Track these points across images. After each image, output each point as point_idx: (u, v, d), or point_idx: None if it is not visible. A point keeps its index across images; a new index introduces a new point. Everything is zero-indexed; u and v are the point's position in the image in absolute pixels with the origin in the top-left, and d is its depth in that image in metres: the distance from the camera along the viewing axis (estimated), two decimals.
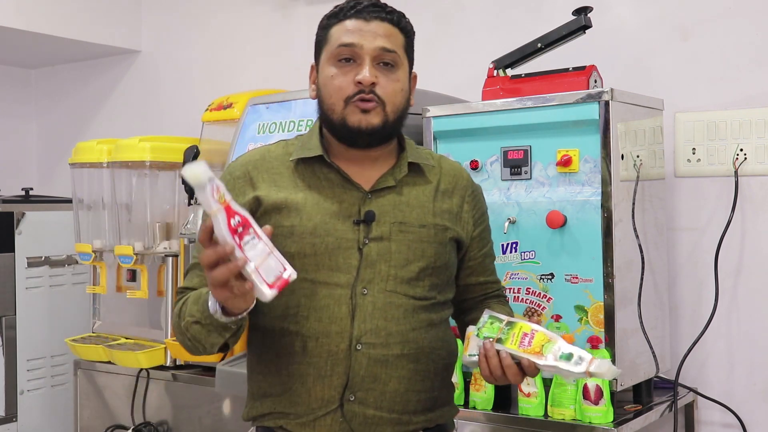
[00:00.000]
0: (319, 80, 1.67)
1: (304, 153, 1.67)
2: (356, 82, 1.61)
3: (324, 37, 1.68)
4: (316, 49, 1.71)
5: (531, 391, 2.05)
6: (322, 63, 1.67)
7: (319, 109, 1.68)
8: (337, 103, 1.63)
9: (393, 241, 1.64)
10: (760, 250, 2.36)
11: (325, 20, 1.70)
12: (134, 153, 2.84)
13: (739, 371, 2.38)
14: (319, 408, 1.60)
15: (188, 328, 1.55)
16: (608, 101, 2.01)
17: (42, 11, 3.34)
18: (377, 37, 1.64)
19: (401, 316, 1.62)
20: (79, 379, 3.01)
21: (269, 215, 1.62)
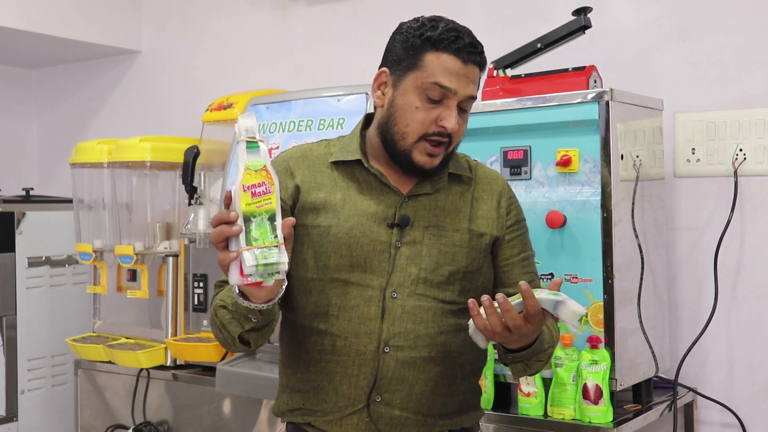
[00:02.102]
0: (396, 100, 1.62)
1: (343, 156, 1.68)
2: (440, 125, 1.60)
3: (415, 59, 1.62)
4: (398, 62, 1.64)
5: (531, 391, 2.06)
6: (405, 85, 1.62)
7: (383, 124, 1.64)
8: (411, 134, 1.61)
9: (425, 244, 1.65)
10: (760, 250, 2.36)
11: (418, 40, 1.63)
12: (134, 153, 2.84)
13: (739, 371, 2.38)
14: (346, 407, 1.62)
15: (216, 312, 1.58)
16: (608, 101, 2.02)
17: (42, 11, 3.35)
18: (469, 84, 1.63)
19: (430, 319, 1.63)
20: (80, 378, 3.01)
21: (307, 213, 1.64)
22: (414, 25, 1.65)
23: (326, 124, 2.31)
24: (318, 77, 3.11)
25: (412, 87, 1.61)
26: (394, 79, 1.64)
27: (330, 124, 2.31)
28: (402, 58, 1.63)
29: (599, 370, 1.98)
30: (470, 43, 1.63)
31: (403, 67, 1.62)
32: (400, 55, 1.63)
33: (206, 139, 2.84)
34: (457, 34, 1.63)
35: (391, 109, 1.63)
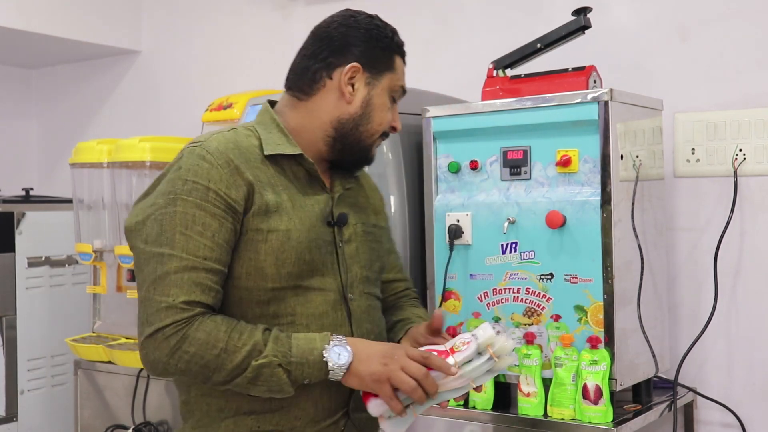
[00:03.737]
0: (374, 99, 1.65)
1: (282, 149, 1.59)
2: (392, 126, 1.69)
3: (389, 62, 1.67)
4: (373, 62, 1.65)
5: (530, 391, 2.05)
6: (383, 86, 1.66)
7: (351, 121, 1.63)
8: (377, 132, 1.66)
9: (358, 242, 1.67)
10: (760, 250, 2.36)
11: (391, 42, 1.68)
12: (134, 153, 2.84)
13: (739, 371, 2.39)
14: (324, 419, 1.58)
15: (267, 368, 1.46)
16: (607, 101, 2.02)
17: (42, 11, 3.35)
18: None
19: (378, 317, 1.68)
20: (80, 379, 3.01)
21: (261, 217, 1.53)
22: (378, 24, 1.70)
23: None
24: None
25: (387, 88, 1.66)
26: (369, 77, 1.64)
27: None
28: (376, 58, 1.65)
29: (599, 370, 1.97)
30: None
31: (379, 68, 1.65)
32: (372, 54, 1.65)
33: None
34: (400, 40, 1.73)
35: (367, 107, 1.64)
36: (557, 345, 2.05)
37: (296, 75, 1.68)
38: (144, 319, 1.47)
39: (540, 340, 2.09)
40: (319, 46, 1.66)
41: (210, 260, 1.47)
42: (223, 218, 1.49)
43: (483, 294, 2.17)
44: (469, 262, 2.19)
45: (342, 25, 1.66)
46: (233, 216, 1.50)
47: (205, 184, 1.48)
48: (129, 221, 1.55)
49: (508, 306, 2.14)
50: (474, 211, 2.18)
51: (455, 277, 2.21)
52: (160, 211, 1.49)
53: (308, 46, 1.69)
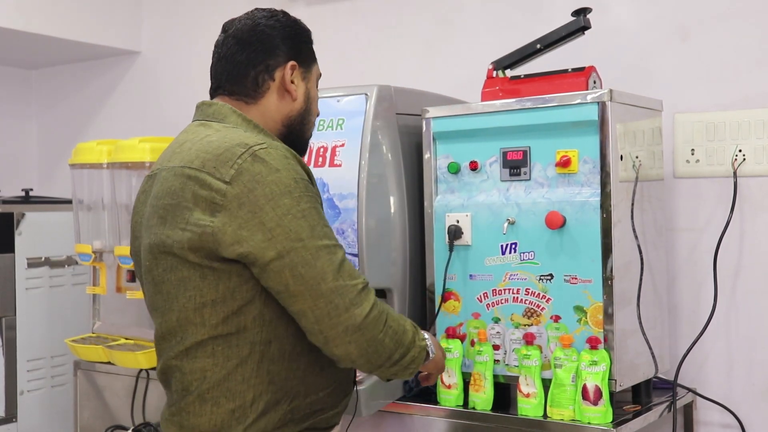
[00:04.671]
0: (311, 92, 1.78)
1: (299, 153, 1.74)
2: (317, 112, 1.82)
3: (312, 52, 1.79)
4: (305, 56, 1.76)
5: (530, 392, 2.05)
6: (313, 77, 1.78)
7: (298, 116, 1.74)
8: (313, 122, 1.79)
9: None
10: (759, 251, 2.36)
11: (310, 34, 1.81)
12: (134, 154, 2.84)
13: (738, 371, 2.38)
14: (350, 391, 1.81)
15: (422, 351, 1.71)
16: (607, 102, 2.02)
17: (42, 12, 3.34)
18: None
19: None
20: (79, 379, 3.01)
21: None
22: (295, 19, 1.79)
23: (326, 125, 2.30)
24: None
25: (315, 79, 1.79)
26: (303, 72, 1.75)
27: (330, 125, 2.30)
28: (305, 53, 1.76)
29: (599, 370, 1.97)
30: None
31: (309, 62, 1.77)
32: (302, 48, 1.75)
33: None
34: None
35: (308, 101, 1.76)
36: (557, 346, 2.05)
37: (234, 80, 1.72)
38: (346, 306, 1.54)
39: (540, 340, 2.09)
40: (251, 50, 1.70)
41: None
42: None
43: (483, 294, 2.17)
44: (468, 263, 2.19)
45: (266, 26, 1.72)
46: None
47: (305, 178, 1.60)
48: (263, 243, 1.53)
49: (507, 307, 2.14)
50: (474, 212, 2.18)
51: (455, 278, 2.21)
52: (295, 209, 1.53)
53: (236, 51, 1.72)
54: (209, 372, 1.58)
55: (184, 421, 1.64)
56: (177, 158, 1.64)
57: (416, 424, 2.22)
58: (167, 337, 1.65)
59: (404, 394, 2.25)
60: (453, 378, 2.16)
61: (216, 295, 1.55)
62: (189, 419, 1.63)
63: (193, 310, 1.58)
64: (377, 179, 2.22)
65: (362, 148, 2.21)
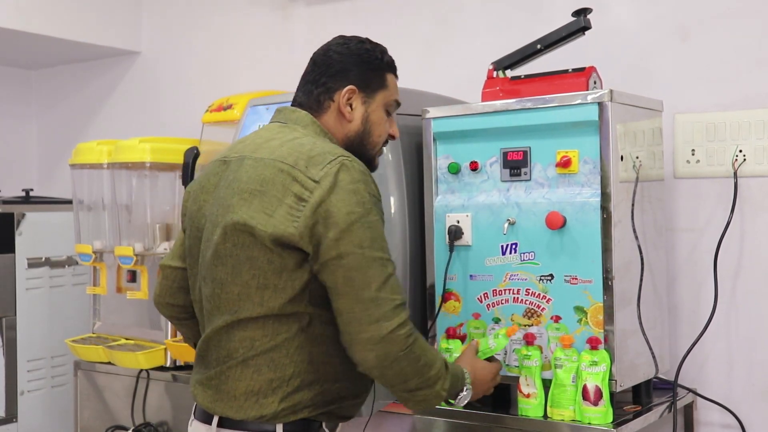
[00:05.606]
0: (371, 116, 1.88)
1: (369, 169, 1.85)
2: (391, 134, 1.94)
3: (382, 81, 1.89)
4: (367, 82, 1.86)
5: (530, 392, 2.05)
6: (377, 102, 1.88)
7: (356, 136, 1.87)
8: (379, 143, 1.91)
9: None
10: (759, 251, 2.36)
11: (383, 63, 1.90)
12: (134, 154, 2.84)
13: (739, 372, 2.39)
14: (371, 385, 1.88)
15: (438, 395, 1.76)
16: (607, 102, 2.02)
17: (42, 12, 3.35)
18: None
19: None
20: (80, 379, 3.01)
21: None
22: (369, 48, 1.89)
23: None
24: None
25: (381, 104, 1.89)
26: (364, 97, 1.87)
27: None
28: (369, 79, 1.87)
29: (599, 371, 1.97)
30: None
31: (373, 88, 1.88)
32: (366, 76, 1.87)
33: (206, 140, 2.84)
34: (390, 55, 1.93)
35: (366, 123, 1.88)
36: (557, 346, 2.05)
37: (304, 95, 1.90)
38: (377, 317, 1.65)
39: (540, 341, 2.09)
40: (318, 72, 1.88)
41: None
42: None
43: (483, 295, 2.17)
44: (469, 263, 2.19)
45: (336, 52, 1.88)
46: None
47: (377, 195, 1.75)
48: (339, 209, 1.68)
49: (508, 307, 2.14)
50: (474, 212, 2.19)
51: (455, 278, 2.21)
52: (365, 219, 1.68)
53: (309, 72, 1.91)
54: (258, 342, 1.71)
55: (222, 385, 1.74)
56: (264, 151, 1.76)
57: (416, 424, 2.22)
58: (223, 307, 1.75)
59: None
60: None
61: (278, 281, 1.68)
62: (228, 383, 1.74)
63: (256, 288, 1.70)
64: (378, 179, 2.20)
65: None
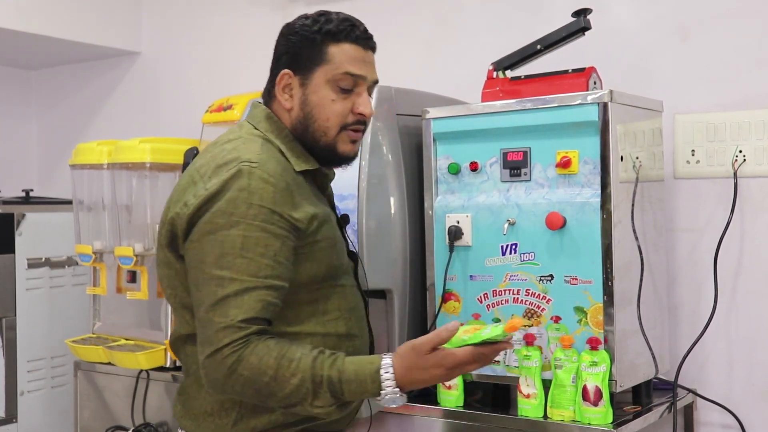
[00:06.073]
0: (310, 98, 1.66)
1: (309, 165, 1.68)
2: (357, 113, 1.66)
3: (319, 54, 1.65)
4: (301, 62, 1.66)
5: (530, 392, 2.06)
6: (316, 81, 1.65)
7: (301, 123, 1.66)
8: (332, 128, 1.65)
9: (345, 237, 1.82)
10: (759, 252, 2.36)
11: (317, 35, 1.65)
12: (134, 154, 2.84)
13: (739, 372, 2.39)
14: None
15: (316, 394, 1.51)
16: (607, 103, 2.02)
17: (42, 12, 3.34)
18: (373, 69, 1.71)
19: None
20: (80, 380, 3.01)
21: (319, 230, 1.63)
22: (307, 22, 1.68)
23: None
24: None
25: (323, 82, 1.65)
26: (300, 79, 1.66)
27: None
28: (304, 57, 1.66)
29: (599, 371, 1.98)
30: (364, 29, 1.69)
31: (308, 66, 1.65)
32: (300, 54, 1.66)
33: (206, 141, 2.84)
34: (352, 23, 1.68)
35: (306, 108, 1.66)
36: (557, 346, 2.05)
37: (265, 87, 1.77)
38: (204, 339, 1.52)
39: (540, 341, 2.09)
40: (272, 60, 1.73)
41: (271, 278, 1.53)
42: (286, 237, 1.56)
43: (483, 295, 2.17)
44: (469, 264, 2.19)
45: (280, 35, 1.72)
46: (296, 235, 1.58)
47: (271, 207, 1.54)
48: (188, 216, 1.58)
49: (508, 307, 2.14)
50: (474, 213, 2.19)
51: (455, 279, 2.21)
52: (221, 233, 1.53)
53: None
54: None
55: (186, 401, 1.71)
56: (198, 159, 1.68)
57: (416, 424, 2.22)
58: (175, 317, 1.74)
59: None
60: (453, 379, 2.16)
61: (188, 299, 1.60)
62: (189, 400, 1.69)
63: (179, 308, 1.66)
64: (377, 180, 2.23)
65: (362, 149, 2.21)
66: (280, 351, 1.50)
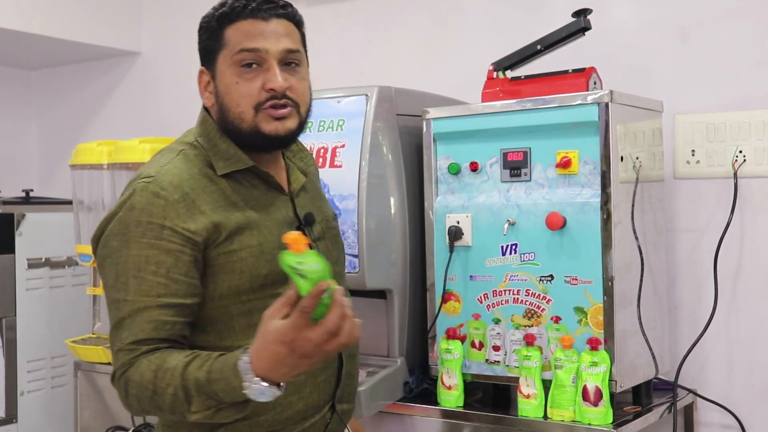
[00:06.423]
0: (219, 88, 1.58)
1: (233, 165, 1.59)
2: (267, 89, 1.54)
3: (218, 41, 1.58)
4: (208, 54, 1.61)
5: (530, 393, 2.06)
6: (220, 69, 1.58)
7: (221, 117, 1.59)
8: (246, 111, 1.55)
9: (327, 239, 1.68)
10: (759, 252, 2.36)
11: (214, 22, 1.60)
12: (134, 154, 2.84)
13: (739, 372, 2.38)
14: (313, 415, 1.62)
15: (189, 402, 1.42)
16: (608, 103, 2.02)
17: (42, 12, 3.34)
18: (280, 37, 1.57)
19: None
20: (80, 380, 3.01)
21: (232, 239, 1.54)
22: (208, 13, 1.62)
23: (326, 126, 2.31)
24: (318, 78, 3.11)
25: (225, 67, 1.57)
26: (211, 72, 1.60)
27: (330, 126, 2.30)
28: (208, 49, 1.60)
29: (599, 371, 1.98)
30: (263, 0, 1.59)
31: (212, 56, 1.59)
32: (205, 47, 1.61)
33: None
34: (246, 0, 1.58)
35: (219, 100, 1.58)
36: (557, 346, 2.05)
37: None
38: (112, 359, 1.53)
39: (540, 341, 2.09)
40: None
41: (165, 296, 1.48)
42: (180, 252, 1.49)
43: (483, 295, 2.17)
44: (469, 264, 2.19)
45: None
46: (192, 247, 1.50)
47: (160, 222, 1.49)
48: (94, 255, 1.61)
49: (508, 307, 2.14)
50: (474, 213, 2.19)
51: (455, 279, 2.21)
52: (115, 255, 1.52)
53: None
54: None
55: None
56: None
57: (416, 424, 2.23)
58: None
59: (405, 395, 2.25)
60: (453, 379, 2.16)
61: None
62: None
63: None
64: (377, 180, 2.23)
65: (363, 149, 2.21)
66: (158, 364, 1.44)
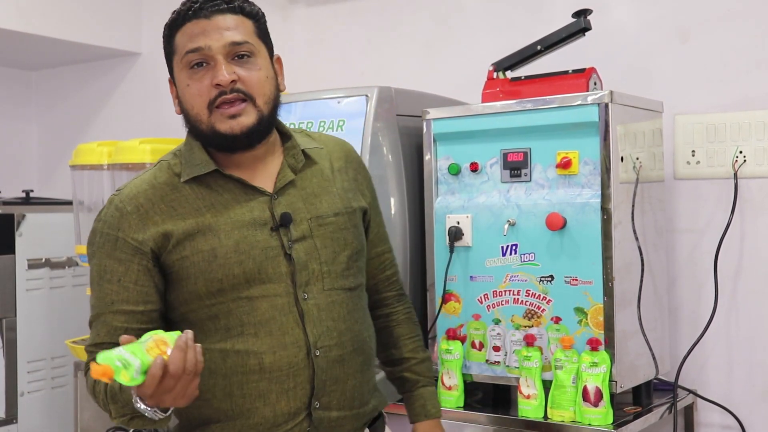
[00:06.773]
0: (179, 94, 1.62)
1: (196, 171, 1.60)
2: (214, 84, 1.55)
3: (171, 48, 1.63)
4: (168, 63, 1.66)
5: (530, 393, 2.05)
6: (176, 75, 1.62)
7: (187, 123, 1.62)
8: (201, 112, 1.57)
9: (316, 237, 1.63)
10: (760, 252, 2.36)
11: (167, 30, 1.65)
12: (134, 155, 2.84)
13: (739, 373, 2.38)
14: (286, 422, 1.59)
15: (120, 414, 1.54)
16: (608, 103, 2.02)
17: (42, 13, 3.34)
18: (223, 32, 1.57)
19: (345, 312, 1.64)
20: (80, 380, 3.01)
21: (183, 245, 1.56)
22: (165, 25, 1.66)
23: (326, 126, 2.31)
24: (318, 79, 3.11)
25: (178, 72, 1.61)
26: (173, 81, 1.66)
27: (330, 126, 2.31)
28: (167, 58, 1.65)
29: (599, 372, 1.97)
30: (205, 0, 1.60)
31: (170, 64, 1.64)
32: (166, 57, 1.65)
33: None
34: (191, 3, 1.62)
35: (182, 106, 1.62)
36: (557, 347, 2.05)
37: None
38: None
39: (540, 342, 2.09)
40: None
41: (117, 303, 1.57)
42: (129, 261, 1.57)
43: (483, 296, 2.17)
44: (469, 264, 2.19)
45: None
46: (141, 256, 1.57)
47: (115, 233, 1.58)
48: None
49: (508, 308, 2.14)
50: (474, 213, 2.18)
51: (455, 279, 2.21)
52: (90, 262, 1.63)
53: None
54: None
55: None
56: None
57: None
58: None
59: None
60: (453, 379, 2.16)
61: None
62: None
63: None
64: (378, 180, 2.21)
65: (363, 150, 2.22)
66: None
